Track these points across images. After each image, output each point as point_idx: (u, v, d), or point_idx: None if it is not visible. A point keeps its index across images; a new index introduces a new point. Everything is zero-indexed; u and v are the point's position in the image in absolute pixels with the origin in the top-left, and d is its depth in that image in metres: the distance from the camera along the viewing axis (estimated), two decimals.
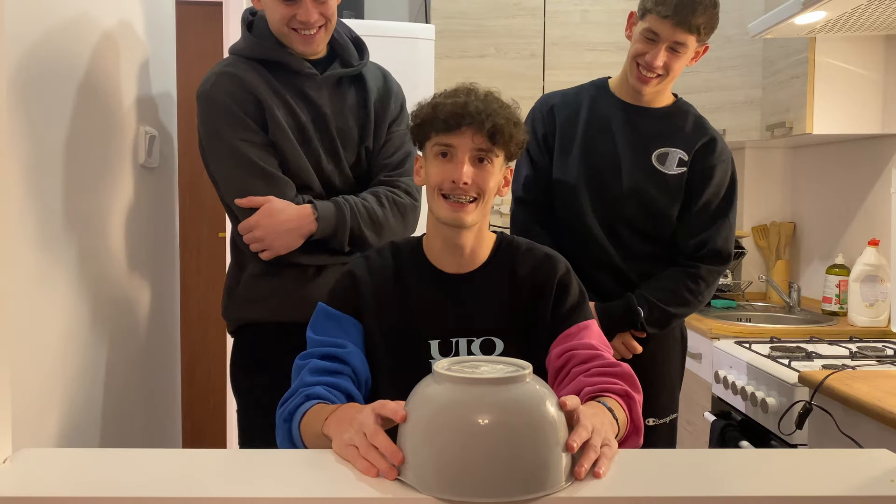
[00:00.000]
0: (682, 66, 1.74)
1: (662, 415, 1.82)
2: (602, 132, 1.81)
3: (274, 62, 1.59)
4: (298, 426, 1.16)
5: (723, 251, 1.81)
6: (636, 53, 1.73)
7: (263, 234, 1.53)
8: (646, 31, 1.69)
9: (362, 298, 1.31)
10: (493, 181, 1.27)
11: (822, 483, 0.97)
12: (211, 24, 3.40)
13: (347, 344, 1.27)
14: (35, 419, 1.45)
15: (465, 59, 3.22)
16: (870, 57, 2.55)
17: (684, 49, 1.69)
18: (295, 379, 1.26)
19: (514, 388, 0.94)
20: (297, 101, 1.59)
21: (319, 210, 1.55)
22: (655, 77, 1.73)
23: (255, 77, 1.57)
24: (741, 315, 2.82)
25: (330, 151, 1.62)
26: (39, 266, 1.49)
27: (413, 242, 1.38)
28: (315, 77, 1.61)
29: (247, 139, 1.55)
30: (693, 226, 1.81)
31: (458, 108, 1.23)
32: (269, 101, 1.56)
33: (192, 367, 3.51)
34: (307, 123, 1.59)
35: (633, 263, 1.81)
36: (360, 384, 1.26)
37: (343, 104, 1.64)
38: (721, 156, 1.81)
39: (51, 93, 1.54)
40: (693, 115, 1.85)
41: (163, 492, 0.91)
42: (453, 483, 0.90)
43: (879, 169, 2.64)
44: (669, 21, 1.65)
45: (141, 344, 2.04)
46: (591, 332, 1.31)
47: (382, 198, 1.62)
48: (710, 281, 1.81)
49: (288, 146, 1.57)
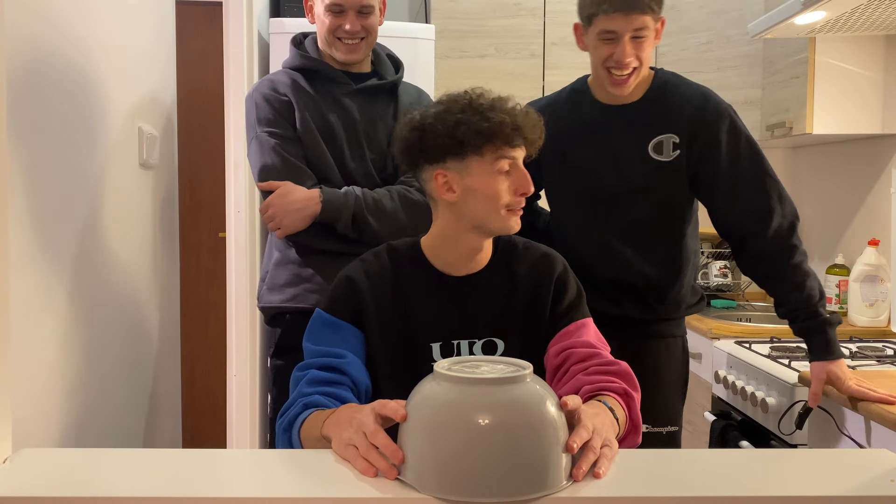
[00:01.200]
0: (650, 49, 1.66)
1: (658, 423, 1.74)
2: (591, 141, 1.75)
3: (314, 72, 1.80)
4: (298, 434, 1.15)
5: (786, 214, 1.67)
6: (602, 59, 1.66)
7: (275, 213, 1.69)
8: (601, 33, 1.63)
9: (362, 303, 1.30)
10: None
11: (822, 483, 0.97)
12: (211, 24, 3.39)
13: (346, 353, 1.26)
14: (35, 419, 1.45)
15: (465, 59, 3.22)
16: (870, 57, 2.55)
17: (646, 32, 1.62)
18: (293, 390, 1.25)
19: (514, 388, 0.94)
20: (328, 105, 1.78)
21: (326, 194, 1.69)
22: (630, 73, 1.65)
23: (292, 83, 1.78)
24: (741, 315, 2.82)
25: (355, 152, 1.78)
26: (39, 266, 1.49)
27: (410, 244, 1.36)
28: (349, 86, 1.80)
29: (274, 132, 1.74)
30: (739, 198, 1.67)
31: (516, 118, 1.25)
32: (299, 102, 1.76)
33: (192, 367, 3.51)
34: (335, 124, 1.77)
35: (650, 267, 1.74)
36: (360, 394, 1.25)
37: (374, 113, 1.82)
38: (717, 114, 1.69)
39: (51, 93, 1.54)
40: (675, 85, 1.74)
41: (163, 492, 0.91)
42: (453, 483, 0.90)
43: (879, 169, 2.64)
44: (620, 14, 1.59)
45: (141, 344, 2.04)
46: (588, 329, 1.32)
47: (393, 192, 1.75)
48: (799, 244, 1.68)
49: (311, 141, 1.75)
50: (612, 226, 1.75)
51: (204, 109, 3.47)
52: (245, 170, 2.34)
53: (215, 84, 3.06)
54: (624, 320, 1.76)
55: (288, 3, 2.89)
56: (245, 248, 2.49)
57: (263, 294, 1.83)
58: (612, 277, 1.75)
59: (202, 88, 3.48)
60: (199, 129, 3.46)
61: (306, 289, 1.76)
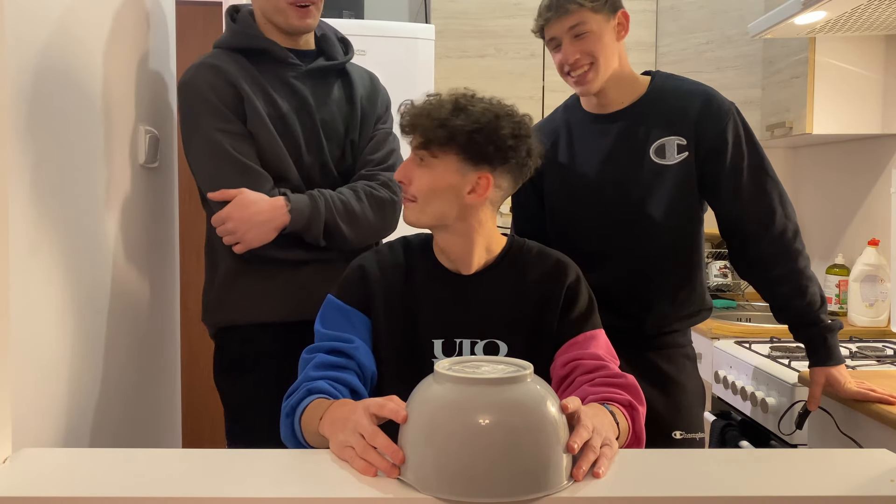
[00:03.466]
0: (604, 43, 1.61)
1: (690, 430, 1.69)
2: (591, 153, 1.70)
3: (257, 52, 1.58)
4: (299, 421, 1.16)
5: (789, 215, 1.65)
6: (559, 68, 1.66)
7: (235, 227, 1.50)
8: (548, 43, 1.65)
9: (371, 293, 1.32)
10: (431, 181, 1.27)
11: (822, 483, 0.98)
12: (211, 24, 3.40)
13: (354, 339, 1.28)
14: (35, 419, 1.45)
15: (465, 59, 3.22)
16: (870, 57, 2.55)
17: (584, 27, 1.59)
18: (301, 372, 1.26)
19: (514, 388, 0.94)
20: (278, 91, 1.57)
21: (293, 202, 1.51)
22: (585, 69, 1.61)
23: (236, 67, 1.56)
24: (741, 315, 2.82)
25: (312, 142, 1.60)
26: (39, 266, 1.49)
27: (424, 239, 1.38)
28: (299, 67, 1.60)
29: (224, 129, 1.53)
30: (742, 198, 1.64)
31: (404, 117, 1.31)
32: (248, 91, 1.54)
33: (192, 366, 3.51)
34: (288, 112, 1.57)
35: (659, 275, 1.69)
36: (366, 379, 1.27)
37: (328, 96, 1.63)
38: (721, 112, 1.65)
39: (50, 93, 1.54)
40: (673, 88, 1.70)
41: (163, 492, 0.91)
42: (454, 483, 0.90)
43: (879, 169, 2.64)
44: (554, 18, 1.61)
45: (141, 344, 2.04)
46: (598, 341, 1.30)
47: (360, 191, 1.59)
48: (802, 248, 1.66)
49: (265, 135, 1.54)
50: (618, 234, 1.68)
51: None
52: None
53: None
54: (626, 330, 1.66)
55: None
56: None
57: (212, 308, 1.65)
58: (615, 284, 1.68)
59: None
60: None
61: (265, 301, 1.57)
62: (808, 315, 1.65)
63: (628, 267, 1.67)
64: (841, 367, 1.67)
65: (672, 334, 1.72)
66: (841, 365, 1.67)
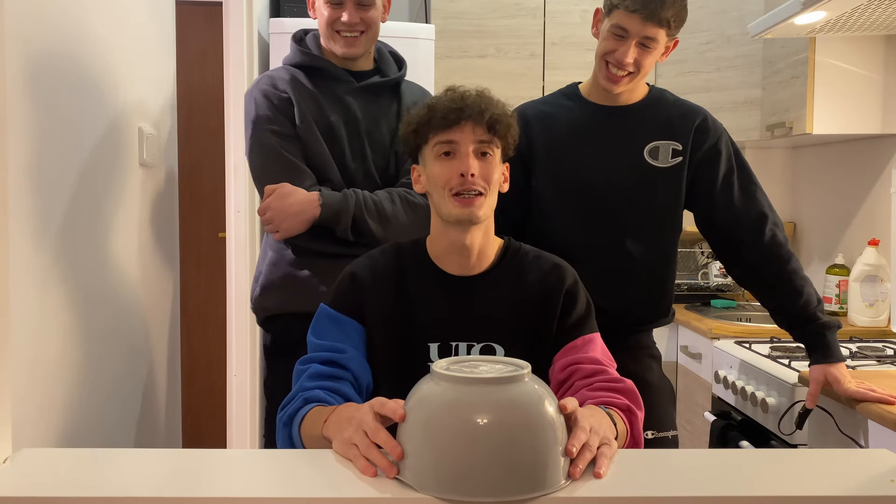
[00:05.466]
0: (653, 62, 1.66)
1: (661, 428, 1.72)
2: (585, 142, 1.72)
3: (314, 69, 1.77)
4: (298, 430, 1.16)
5: (777, 222, 1.74)
6: (605, 51, 1.65)
7: (273, 216, 1.64)
8: (614, 27, 1.63)
9: (364, 299, 1.31)
10: (496, 173, 1.28)
11: (822, 483, 0.98)
12: (211, 24, 3.40)
13: (348, 349, 1.26)
14: (35, 419, 1.45)
15: (465, 59, 3.22)
16: (870, 57, 2.55)
17: (654, 44, 1.62)
18: (295, 384, 1.25)
19: (512, 388, 0.94)
20: (329, 103, 1.74)
21: (325, 197, 1.65)
22: (626, 75, 1.65)
23: (291, 79, 1.75)
24: (741, 315, 2.82)
25: (357, 151, 1.75)
26: (39, 266, 1.49)
27: (417, 243, 1.36)
28: (351, 84, 1.77)
29: (273, 130, 1.70)
30: (734, 206, 1.72)
31: (456, 102, 1.25)
32: (299, 99, 1.72)
33: (192, 367, 3.51)
34: (336, 123, 1.73)
35: (639, 277, 1.71)
36: (361, 389, 1.26)
37: (377, 111, 1.78)
38: (716, 127, 1.74)
39: (51, 92, 1.54)
40: (673, 100, 1.76)
41: (163, 492, 0.91)
42: (452, 482, 0.90)
43: (879, 169, 2.64)
44: (638, 15, 1.59)
45: (141, 344, 2.04)
46: (595, 345, 1.30)
47: (394, 195, 1.72)
48: (792, 251, 1.74)
49: (310, 139, 1.71)
50: (602, 229, 1.71)
51: (204, 109, 3.47)
52: (245, 170, 2.34)
53: (215, 84, 3.06)
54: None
55: (288, 2, 2.89)
56: (245, 249, 2.49)
57: (256, 296, 1.78)
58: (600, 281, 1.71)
59: (202, 88, 3.48)
60: (199, 129, 3.46)
61: (302, 291, 1.69)
62: (804, 313, 1.69)
63: (606, 266, 1.69)
64: (841, 365, 1.68)
65: (638, 334, 1.76)
66: (841, 363, 1.69)
